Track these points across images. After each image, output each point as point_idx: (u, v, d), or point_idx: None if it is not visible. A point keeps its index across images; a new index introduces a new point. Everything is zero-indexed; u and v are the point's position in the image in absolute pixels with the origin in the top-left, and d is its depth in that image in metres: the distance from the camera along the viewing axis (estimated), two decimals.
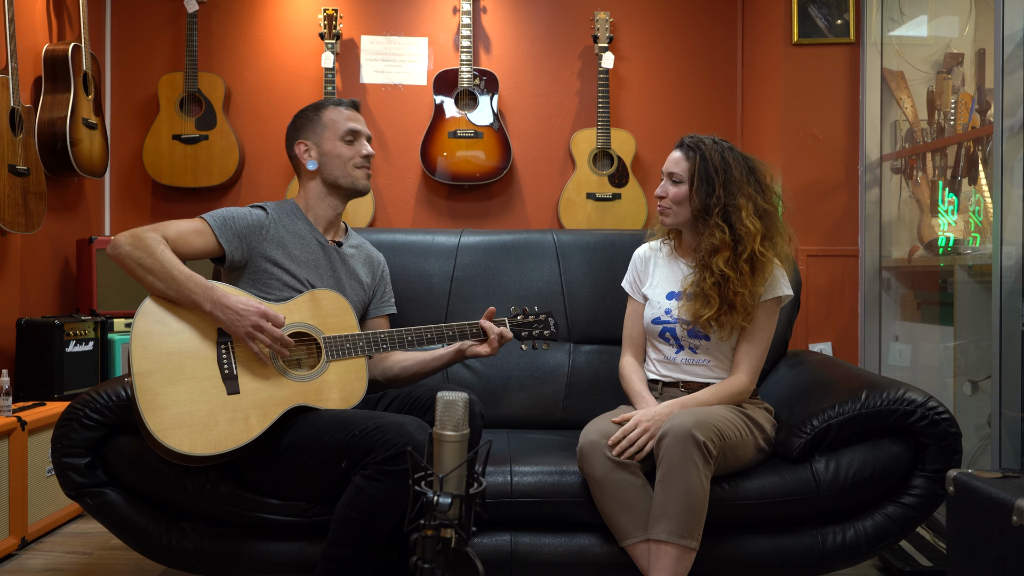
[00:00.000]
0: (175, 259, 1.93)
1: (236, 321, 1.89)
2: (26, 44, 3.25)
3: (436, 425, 1.43)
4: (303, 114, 2.21)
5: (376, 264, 2.31)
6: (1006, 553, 1.49)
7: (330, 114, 2.18)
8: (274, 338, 1.91)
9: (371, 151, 2.20)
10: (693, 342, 2.17)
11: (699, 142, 2.15)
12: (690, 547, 1.85)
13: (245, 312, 1.89)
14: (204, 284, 1.92)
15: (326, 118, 2.17)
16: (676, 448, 1.85)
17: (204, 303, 1.90)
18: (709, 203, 2.10)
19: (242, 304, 1.90)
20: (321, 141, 2.16)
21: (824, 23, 3.41)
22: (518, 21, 4.05)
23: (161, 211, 3.99)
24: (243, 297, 1.94)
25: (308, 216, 2.18)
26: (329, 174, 2.16)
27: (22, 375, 3.15)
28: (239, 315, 1.89)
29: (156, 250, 1.91)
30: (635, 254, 2.34)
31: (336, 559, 1.81)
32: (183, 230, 2.00)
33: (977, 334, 2.76)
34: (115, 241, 1.92)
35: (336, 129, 2.16)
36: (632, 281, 2.32)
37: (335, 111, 2.18)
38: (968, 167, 2.87)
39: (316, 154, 2.17)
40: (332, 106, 2.19)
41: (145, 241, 1.92)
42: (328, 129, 2.16)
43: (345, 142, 2.16)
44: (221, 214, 2.06)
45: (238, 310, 1.89)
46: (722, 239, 2.08)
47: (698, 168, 2.11)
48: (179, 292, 1.91)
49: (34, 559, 2.53)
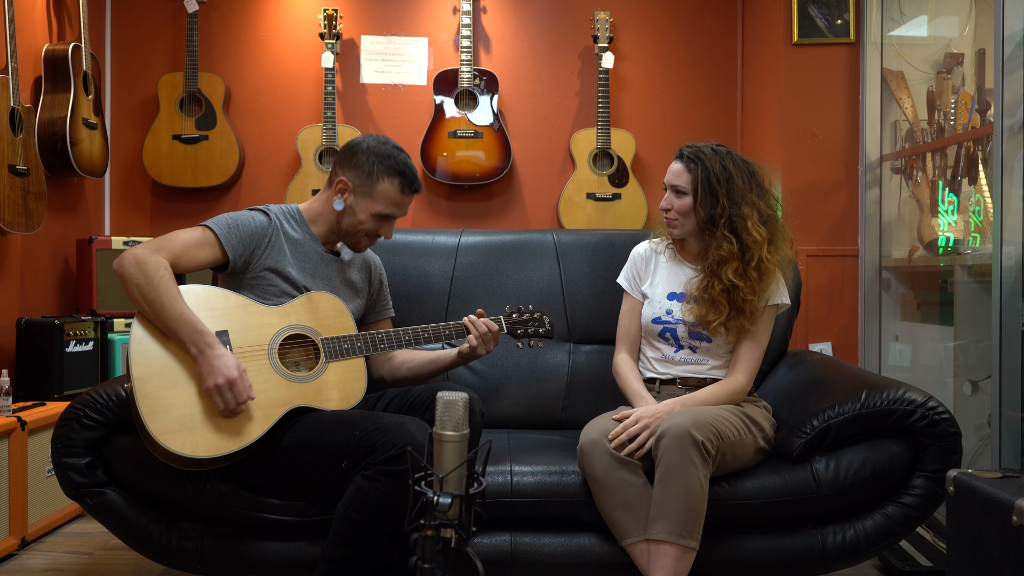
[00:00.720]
0: (174, 291, 1.89)
1: (207, 372, 1.84)
2: (26, 44, 3.25)
3: (436, 425, 1.43)
4: (371, 156, 2.10)
5: (373, 269, 2.30)
6: (1006, 553, 1.49)
7: (388, 188, 2.09)
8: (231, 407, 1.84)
9: (390, 236, 2.15)
10: (694, 343, 2.17)
11: (699, 152, 2.14)
12: (689, 546, 1.85)
13: (218, 370, 1.83)
14: (196, 328, 1.87)
15: (381, 187, 2.09)
16: (674, 448, 1.85)
17: (190, 347, 1.86)
18: (714, 214, 2.11)
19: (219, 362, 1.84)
20: (359, 198, 2.10)
21: (824, 23, 3.41)
22: (518, 21, 4.05)
23: (161, 211, 3.99)
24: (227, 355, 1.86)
25: (312, 227, 2.16)
26: (343, 224, 2.13)
27: (22, 375, 3.15)
28: (212, 370, 1.84)
29: (156, 279, 1.88)
30: (634, 251, 2.34)
31: (336, 559, 1.81)
32: (188, 244, 1.98)
33: (977, 334, 2.76)
34: (122, 260, 1.90)
35: (379, 204, 2.09)
36: (630, 278, 2.32)
37: (394, 189, 2.09)
38: (968, 167, 2.87)
39: (348, 201, 2.10)
40: (397, 183, 2.09)
41: (148, 268, 1.88)
42: (373, 198, 2.09)
43: (377, 218, 2.11)
44: (225, 221, 2.03)
45: (213, 367, 1.84)
46: (730, 250, 2.09)
47: (701, 180, 2.11)
48: (167, 327, 1.87)
49: (34, 559, 2.53)
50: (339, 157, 2.14)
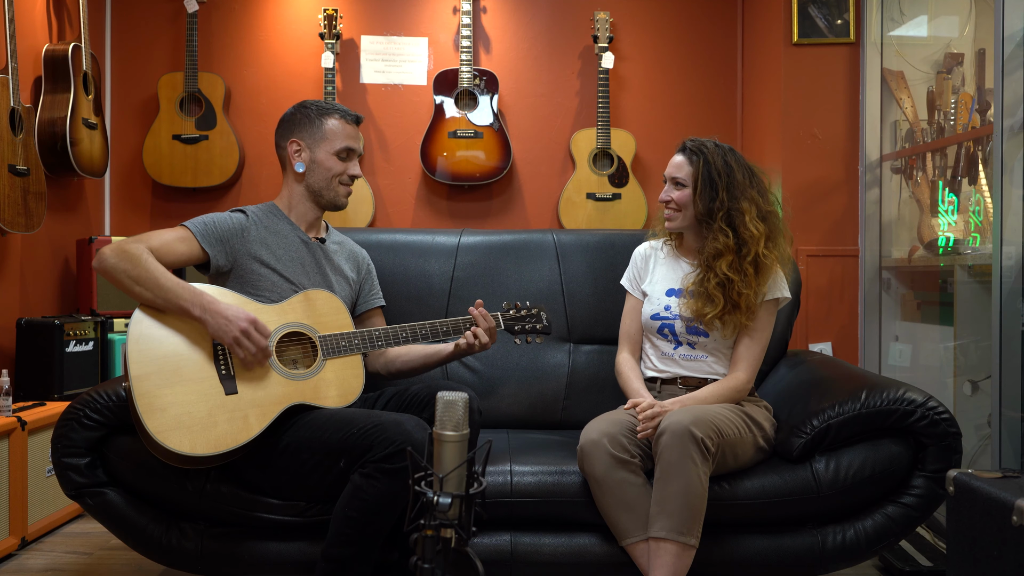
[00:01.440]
0: (161, 267, 1.92)
1: (223, 326, 1.88)
2: (26, 44, 3.25)
3: (436, 425, 1.43)
4: (304, 112, 2.16)
5: (360, 259, 2.32)
6: (1006, 553, 1.49)
7: (333, 125, 2.14)
8: (259, 348, 1.90)
9: (359, 172, 2.18)
10: (692, 338, 2.18)
11: (701, 146, 2.16)
12: (689, 544, 1.85)
13: (234, 318, 1.88)
14: (192, 290, 1.91)
15: (328, 127, 2.14)
16: (674, 445, 1.85)
17: (193, 308, 1.89)
18: (713, 207, 2.12)
19: (232, 311, 1.89)
20: (315, 148, 2.14)
21: (824, 23, 3.41)
22: (518, 21, 4.05)
23: (161, 211, 3.99)
24: (233, 304, 1.93)
25: (290, 216, 2.18)
26: (314, 183, 2.15)
27: (22, 375, 3.15)
28: (228, 320, 1.88)
29: (141, 259, 1.91)
30: (635, 251, 2.36)
31: (336, 558, 1.81)
32: (166, 239, 2.00)
33: (977, 334, 2.76)
34: (100, 254, 1.92)
35: (334, 142, 2.13)
36: (632, 278, 2.33)
37: (339, 123, 2.15)
38: (968, 167, 2.87)
39: (307, 158, 2.15)
40: (338, 117, 2.15)
41: (130, 252, 1.91)
42: (326, 139, 2.13)
43: (338, 158, 2.14)
44: (202, 220, 2.06)
45: (227, 316, 1.88)
46: (726, 243, 2.09)
47: (701, 172, 2.13)
48: (167, 299, 1.90)
49: (34, 559, 2.53)
50: (277, 136, 2.20)
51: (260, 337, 1.90)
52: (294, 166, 2.15)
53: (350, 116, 2.17)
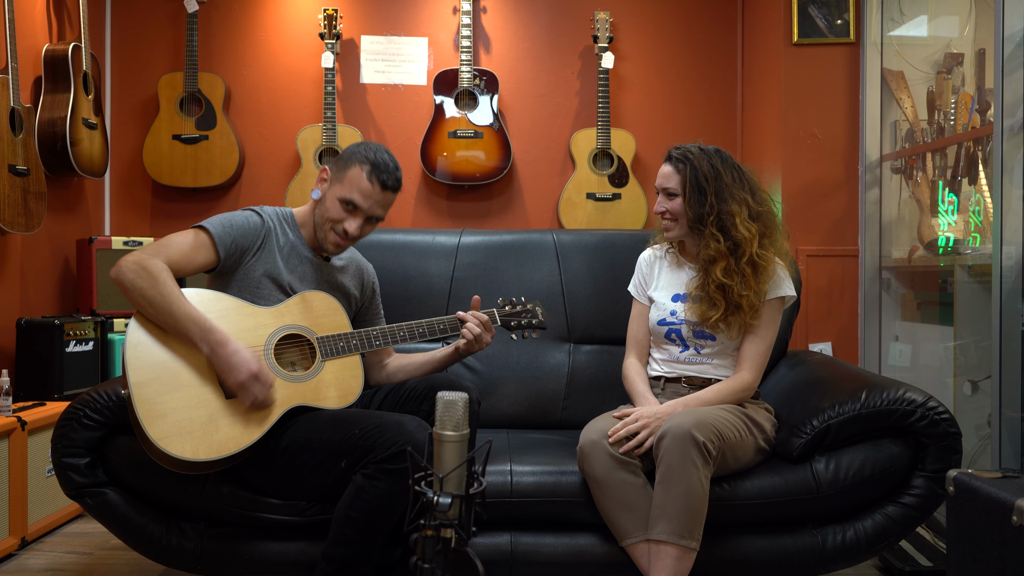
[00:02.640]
0: (177, 293, 1.88)
1: (227, 372, 1.85)
2: (26, 44, 3.25)
3: (436, 425, 1.43)
4: (353, 150, 2.07)
5: (366, 277, 2.29)
6: (1006, 553, 1.49)
7: (356, 174, 2.03)
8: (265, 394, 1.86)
9: (356, 233, 2.04)
10: (699, 342, 2.17)
11: (686, 153, 2.16)
12: (690, 547, 1.85)
13: (239, 368, 1.84)
14: (203, 325, 1.87)
15: (351, 173, 2.05)
16: (676, 448, 1.85)
17: (202, 345, 1.86)
18: (703, 212, 2.12)
19: (237, 359, 1.85)
20: (332, 185, 2.07)
21: (824, 23, 3.41)
22: (518, 21, 4.05)
23: (161, 211, 3.99)
24: (241, 348, 1.87)
25: (302, 231, 2.15)
26: (317, 213, 2.11)
27: (22, 375, 3.15)
28: (232, 369, 1.84)
29: (159, 281, 1.87)
30: (640, 258, 2.36)
31: (337, 558, 1.81)
32: (185, 249, 1.97)
33: (977, 334, 2.76)
34: (119, 267, 1.89)
35: (345, 190, 2.04)
36: (638, 284, 2.33)
37: (362, 177, 2.02)
38: (968, 167, 2.87)
39: (323, 189, 2.09)
40: (368, 171, 2.03)
41: (150, 271, 1.88)
42: (343, 184, 2.05)
43: (342, 204, 2.04)
44: (220, 220, 2.03)
45: (232, 364, 1.84)
46: (718, 249, 2.10)
47: (689, 179, 2.13)
48: (175, 329, 1.87)
49: (34, 559, 2.53)
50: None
51: (262, 388, 1.86)
52: (312, 191, 2.11)
53: (381, 176, 2.03)
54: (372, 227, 2.09)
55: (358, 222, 2.05)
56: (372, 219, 2.07)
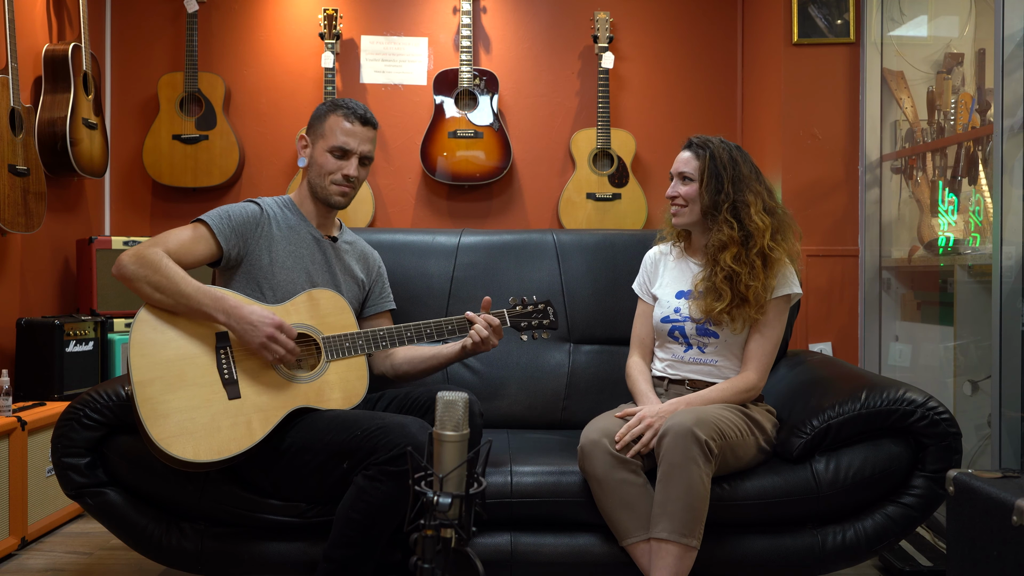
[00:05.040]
0: (181, 272, 1.92)
1: (250, 331, 1.89)
2: (26, 44, 3.25)
3: (436, 425, 1.43)
4: (321, 107, 2.17)
5: (371, 261, 2.31)
6: (1006, 553, 1.49)
7: (333, 122, 2.12)
8: (288, 349, 1.91)
9: (356, 174, 2.12)
10: (702, 340, 2.16)
11: (707, 141, 2.18)
12: (691, 546, 1.85)
13: (260, 323, 1.89)
14: (215, 295, 1.91)
15: (328, 123, 2.12)
16: (677, 447, 1.85)
17: (217, 314, 1.90)
18: (718, 199, 2.12)
19: (257, 316, 1.90)
20: (315, 144, 2.14)
21: (824, 23, 3.41)
22: (518, 21, 4.05)
23: (161, 211, 3.99)
24: (256, 308, 1.93)
25: (302, 210, 2.18)
26: (311, 179, 2.16)
27: (22, 375, 3.15)
28: (254, 326, 1.89)
29: (161, 265, 1.90)
30: (646, 256, 2.35)
31: (338, 559, 1.81)
32: (183, 240, 1.99)
33: (977, 334, 2.76)
34: (119, 262, 1.92)
35: (329, 139, 2.11)
36: (642, 283, 2.33)
37: (339, 120, 2.12)
38: (968, 167, 2.87)
39: (308, 154, 2.16)
40: (341, 114, 2.12)
41: (149, 258, 1.91)
42: (324, 136, 2.12)
43: (332, 155, 2.11)
44: (217, 213, 2.05)
45: (253, 321, 1.89)
46: (730, 235, 2.09)
47: (708, 165, 2.14)
48: (188, 306, 1.90)
49: (34, 559, 2.53)
50: None
51: (287, 339, 1.91)
52: (299, 160, 2.17)
53: (355, 114, 2.12)
54: (366, 170, 2.18)
55: (354, 163, 2.12)
56: (364, 160, 2.15)
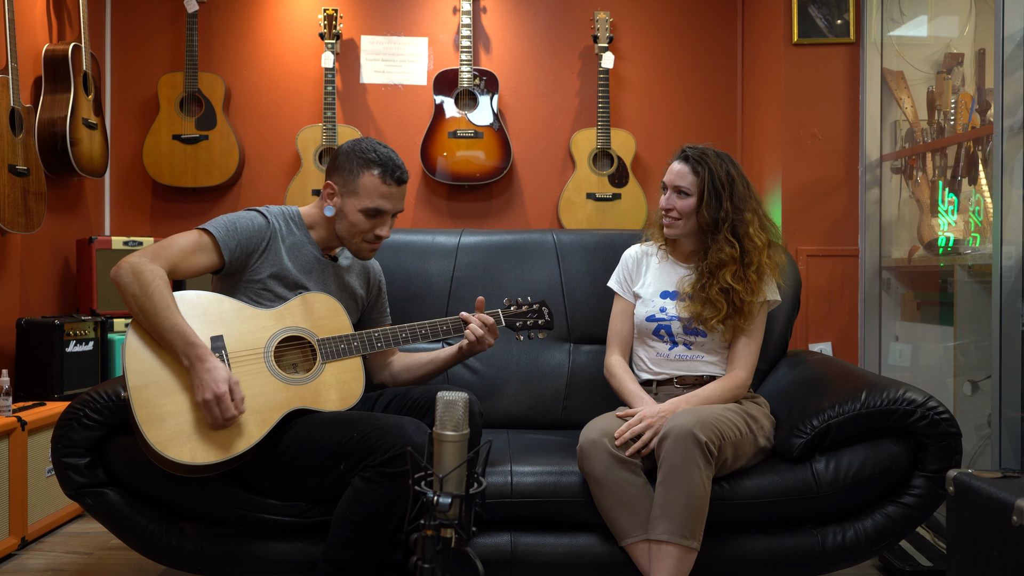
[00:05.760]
0: (168, 302, 1.87)
1: (197, 386, 1.83)
2: (26, 44, 3.25)
3: (436, 425, 1.43)
4: (351, 156, 2.06)
5: (372, 276, 2.28)
6: (1006, 553, 1.49)
7: (368, 181, 2.04)
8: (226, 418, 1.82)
9: (387, 234, 2.08)
10: (689, 338, 2.19)
11: (703, 155, 2.17)
12: (691, 547, 1.85)
13: (207, 384, 1.81)
14: (186, 339, 1.85)
15: (362, 182, 2.04)
16: (678, 448, 1.85)
17: (182, 358, 1.85)
18: (718, 218, 2.14)
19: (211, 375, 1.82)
20: (346, 198, 2.06)
21: (824, 23, 3.41)
22: (518, 21, 4.05)
23: (161, 211, 3.99)
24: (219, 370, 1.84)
25: (312, 233, 2.13)
26: (339, 230, 2.10)
27: (22, 375, 3.15)
28: (201, 384, 1.82)
29: (150, 288, 1.86)
30: (625, 254, 2.36)
31: (337, 560, 1.81)
32: (186, 251, 1.96)
33: (977, 334, 2.76)
34: (119, 268, 1.89)
35: (364, 199, 2.04)
36: (622, 280, 2.33)
37: (375, 181, 2.03)
38: (968, 167, 2.87)
39: (337, 204, 2.08)
40: (378, 174, 2.03)
41: (144, 277, 1.87)
42: (357, 194, 2.05)
43: (366, 215, 2.05)
44: (223, 223, 2.02)
45: (204, 379, 1.82)
46: (731, 254, 2.12)
47: (707, 184, 2.14)
48: (161, 338, 1.86)
49: (34, 559, 2.53)
50: (327, 165, 2.13)
51: (229, 406, 1.82)
52: (324, 208, 2.09)
53: (392, 175, 2.04)
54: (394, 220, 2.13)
55: (387, 224, 2.09)
56: (395, 214, 2.11)
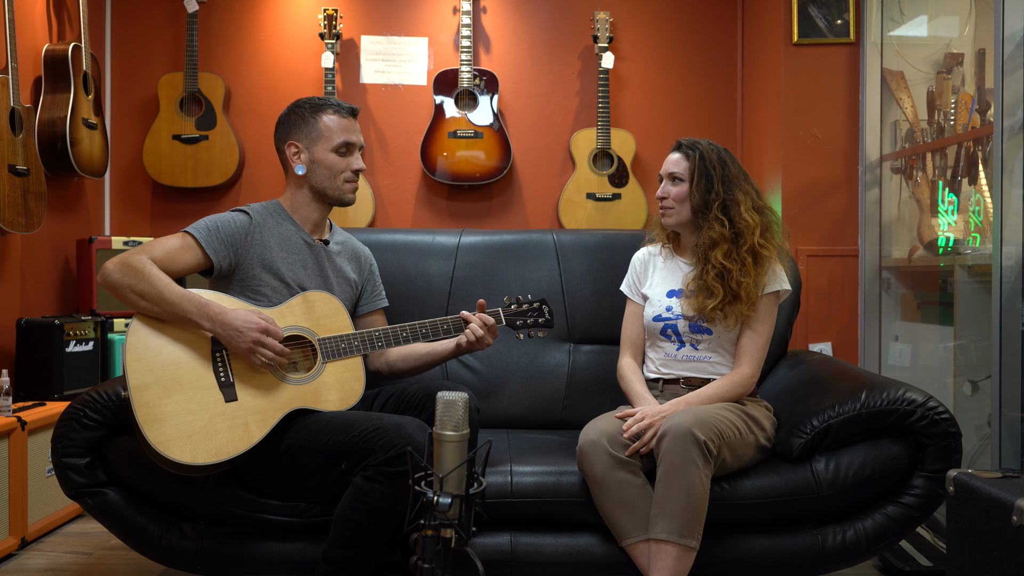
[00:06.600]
0: (166, 279, 1.91)
1: (236, 338, 1.88)
2: (26, 44, 3.25)
3: (436, 425, 1.43)
4: (299, 111, 2.13)
5: (363, 259, 2.30)
6: (1006, 553, 1.49)
7: (327, 120, 2.11)
8: (276, 352, 1.90)
9: (363, 166, 2.15)
10: (695, 337, 2.18)
11: (695, 142, 2.22)
12: (690, 546, 1.85)
13: (246, 328, 1.87)
14: (199, 301, 1.89)
15: (322, 124, 2.11)
16: (676, 448, 1.85)
17: (202, 321, 1.88)
18: (708, 198, 2.15)
19: (242, 321, 1.88)
20: (313, 147, 2.11)
21: (824, 23, 3.41)
22: (518, 21, 4.05)
23: (161, 211, 3.99)
24: (241, 312, 1.91)
25: (294, 217, 2.16)
26: (317, 183, 2.13)
27: (22, 375, 3.15)
28: (239, 332, 1.87)
29: (145, 272, 1.89)
30: (634, 257, 2.37)
31: (337, 560, 1.81)
32: (169, 249, 1.98)
33: (977, 334, 2.76)
34: (104, 270, 1.90)
35: (331, 139, 2.10)
36: (631, 283, 2.34)
37: (333, 118, 2.11)
38: (968, 167, 2.87)
39: (306, 159, 2.12)
40: (332, 112, 2.12)
41: (133, 266, 1.90)
42: (323, 137, 2.11)
43: (338, 154, 2.11)
44: (205, 224, 2.03)
45: (238, 327, 1.87)
46: (721, 232, 2.12)
47: (697, 165, 2.17)
48: (173, 313, 1.89)
49: (34, 559, 2.53)
50: (276, 139, 2.18)
51: (274, 342, 1.89)
52: (295, 168, 2.13)
53: (344, 109, 2.12)
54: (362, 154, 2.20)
55: (358, 156, 2.16)
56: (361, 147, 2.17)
